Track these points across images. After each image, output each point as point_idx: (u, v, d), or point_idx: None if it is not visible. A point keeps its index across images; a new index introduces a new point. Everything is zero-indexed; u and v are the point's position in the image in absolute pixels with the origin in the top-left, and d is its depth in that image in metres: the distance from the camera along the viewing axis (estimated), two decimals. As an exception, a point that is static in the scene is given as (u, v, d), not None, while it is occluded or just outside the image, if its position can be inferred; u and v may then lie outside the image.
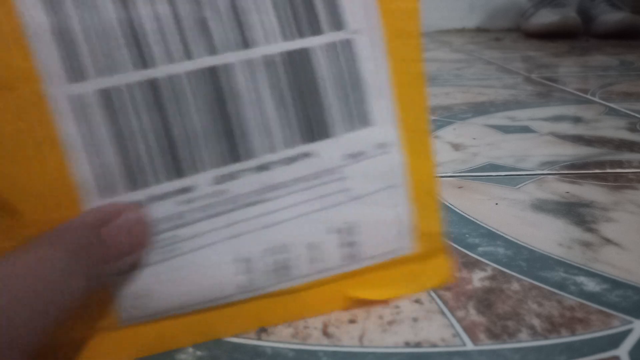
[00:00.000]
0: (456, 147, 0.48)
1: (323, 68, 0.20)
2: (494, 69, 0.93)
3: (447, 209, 0.34)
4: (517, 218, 0.32)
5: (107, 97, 0.18)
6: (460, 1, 1.76)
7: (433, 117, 0.59)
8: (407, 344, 0.21)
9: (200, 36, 0.19)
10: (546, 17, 1.39)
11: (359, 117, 0.21)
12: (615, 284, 0.25)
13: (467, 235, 0.30)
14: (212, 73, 0.19)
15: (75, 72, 0.17)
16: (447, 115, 0.59)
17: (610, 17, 1.35)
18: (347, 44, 0.20)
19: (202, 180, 0.19)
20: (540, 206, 0.34)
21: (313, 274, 0.22)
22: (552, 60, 1.03)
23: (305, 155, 0.20)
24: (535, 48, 1.22)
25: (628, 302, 0.23)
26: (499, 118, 0.58)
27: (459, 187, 0.38)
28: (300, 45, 0.20)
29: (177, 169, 0.19)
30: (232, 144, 0.19)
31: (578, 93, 0.71)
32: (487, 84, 0.79)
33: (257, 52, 0.19)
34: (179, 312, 0.20)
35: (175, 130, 0.18)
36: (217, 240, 0.20)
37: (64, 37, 0.17)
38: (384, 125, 0.21)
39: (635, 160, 0.43)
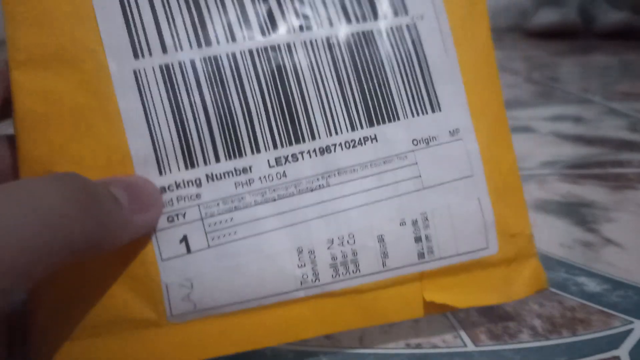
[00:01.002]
0: (457, 147, 0.48)
1: (388, 49, 0.20)
2: (494, 68, 0.93)
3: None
4: (518, 218, 0.32)
5: (169, 72, 0.18)
6: (461, 1, 1.76)
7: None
8: (408, 345, 0.21)
9: (260, 17, 0.19)
10: (547, 17, 1.39)
11: (428, 100, 0.20)
12: (615, 284, 0.25)
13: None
14: (273, 51, 0.19)
15: (141, 47, 0.18)
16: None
17: (611, 16, 1.35)
18: (413, 28, 0.20)
19: (261, 161, 0.18)
20: (541, 206, 0.34)
21: (384, 272, 0.19)
22: (553, 59, 1.02)
23: (372, 138, 0.19)
24: (535, 47, 1.22)
25: (628, 302, 0.23)
26: (500, 118, 0.58)
27: (460, 187, 0.38)
28: (364, 28, 0.20)
29: (236, 147, 0.18)
30: (293, 123, 0.19)
31: (579, 93, 0.71)
32: (488, 83, 0.79)
33: (319, 33, 0.19)
34: (233, 309, 0.18)
35: (236, 106, 0.18)
36: (276, 226, 0.18)
37: (131, 13, 0.18)
38: (455, 110, 0.20)
39: (635, 160, 0.43)
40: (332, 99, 0.19)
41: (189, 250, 0.17)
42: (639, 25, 1.32)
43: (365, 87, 0.19)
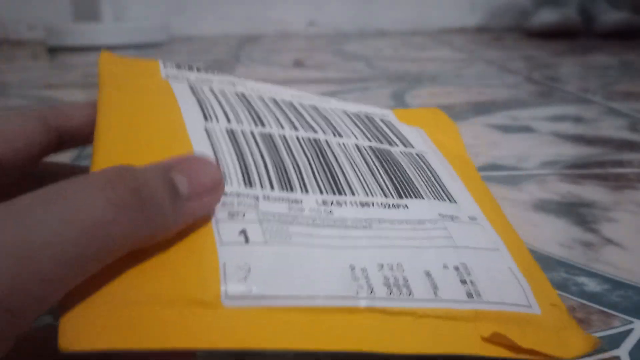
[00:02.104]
0: (457, 147, 0.48)
1: (405, 160, 0.25)
2: (494, 68, 0.93)
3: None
4: (518, 218, 0.32)
5: (232, 133, 0.22)
6: (461, 0, 1.76)
7: (434, 117, 0.59)
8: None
9: (303, 122, 0.25)
10: (547, 17, 1.39)
11: (444, 194, 0.23)
12: (616, 284, 0.25)
13: (468, 236, 0.30)
14: (315, 140, 0.24)
15: (210, 115, 0.23)
16: (448, 115, 0.59)
17: (611, 16, 1.35)
18: (421, 156, 0.26)
19: (310, 198, 0.20)
20: (542, 206, 0.34)
21: (437, 301, 0.19)
22: (553, 59, 1.02)
23: (403, 206, 0.22)
24: (536, 47, 1.22)
25: (629, 302, 0.23)
26: (500, 118, 0.58)
27: (460, 187, 0.38)
28: (383, 147, 0.25)
29: (289, 184, 0.21)
30: (335, 182, 0.22)
31: (579, 93, 0.71)
32: (488, 83, 0.79)
33: (349, 141, 0.24)
34: (289, 303, 0.17)
35: (287, 161, 0.22)
36: (329, 245, 0.19)
37: (202, 99, 0.24)
38: (468, 205, 0.23)
39: (636, 160, 0.43)
40: (365, 174, 0.23)
41: (247, 240, 0.18)
42: (639, 25, 1.32)
43: (391, 174, 0.23)
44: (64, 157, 0.47)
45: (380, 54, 1.17)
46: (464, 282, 0.20)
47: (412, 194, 0.22)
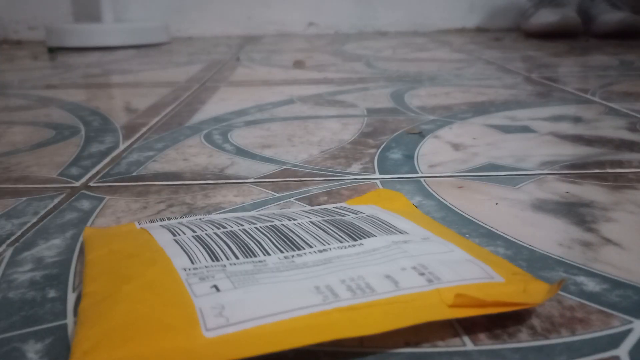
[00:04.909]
0: (456, 147, 0.48)
1: (357, 220, 0.29)
2: (494, 68, 0.93)
3: (447, 209, 0.34)
4: (517, 218, 0.32)
5: (198, 237, 0.27)
6: (461, 1, 1.76)
7: (433, 117, 0.59)
8: (408, 344, 0.21)
9: (261, 220, 0.29)
10: (546, 17, 1.39)
11: (394, 230, 0.27)
12: (615, 283, 0.25)
13: (467, 235, 0.30)
14: (272, 226, 0.28)
15: (177, 233, 0.27)
16: (447, 115, 0.59)
17: (611, 17, 1.35)
18: (371, 215, 0.30)
19: (272, 257, 0.24)
20: (540, 206, 0.34)
21: (399, 290, 0.21)
22: (552, 60, 1.03)
23: (358, 245, 0.25)
24: (535, 48, 1.22)
25: (628, 302, 0.23)
26: (499, 118, 0.58)
27: (459, 187, 0.38)
28: (336, 217, 0.29)
29: (251, 253, 0.25)
30: (293, 243, 0.26)
31: (578, 93, 0.71)
32: (487, 83, 0.79)
33: (303, 220, 0.29)
34: (265, 321, 0.20)
35: (248, 241, 0.26)
36: (294, 279, 0.22)
37: (170, 226, 0.29)
38: (418, 233, 0.27)
39: (635, 160, 0.43)
40: (320, 234, 0.27)
41: (218, 290, 0.21)
42: (638, 25, 1.33)
43: (344, 229, 0.27)
44: (65, 156, 0.46)
45: (379, 55, 1.18)
46: (422, 274, 0.23)
47: (364, 236, 0.26)
